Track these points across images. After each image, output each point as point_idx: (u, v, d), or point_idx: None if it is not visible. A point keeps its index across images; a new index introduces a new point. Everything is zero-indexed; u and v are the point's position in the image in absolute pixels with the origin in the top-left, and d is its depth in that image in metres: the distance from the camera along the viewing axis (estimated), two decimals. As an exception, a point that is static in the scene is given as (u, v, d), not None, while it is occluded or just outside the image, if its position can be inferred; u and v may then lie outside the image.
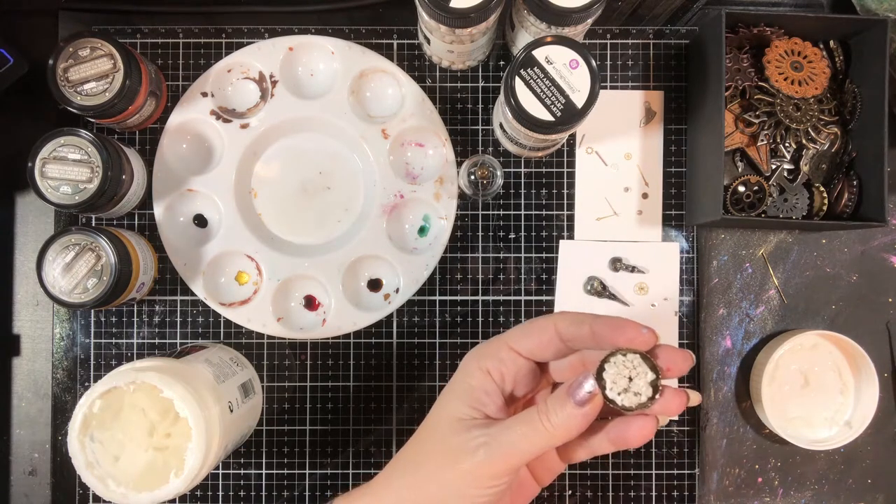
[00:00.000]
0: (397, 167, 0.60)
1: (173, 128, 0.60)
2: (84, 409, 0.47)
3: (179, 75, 0.61)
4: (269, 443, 0.61)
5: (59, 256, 0.53)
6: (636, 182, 0.62)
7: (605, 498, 0.61)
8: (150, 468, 0.47)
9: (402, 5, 0.61)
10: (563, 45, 0.49)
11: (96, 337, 0.60)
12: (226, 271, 0.60)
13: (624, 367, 0.39)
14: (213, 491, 0.60)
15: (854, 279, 0.62)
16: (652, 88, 0.62)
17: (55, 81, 0.53)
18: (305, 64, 0.61)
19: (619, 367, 0.39)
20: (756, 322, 0.62)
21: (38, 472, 0.60)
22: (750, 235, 0.62)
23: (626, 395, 0.39)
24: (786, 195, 0.60)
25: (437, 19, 0.51)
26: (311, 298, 0.61)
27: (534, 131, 0.50)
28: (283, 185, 0.61)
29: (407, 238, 0.61)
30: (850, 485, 0.61)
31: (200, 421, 0.47)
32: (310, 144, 0.61)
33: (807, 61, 0.58)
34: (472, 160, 0.59)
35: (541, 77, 0.48)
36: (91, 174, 0.53)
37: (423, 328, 0.61)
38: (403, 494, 0.42)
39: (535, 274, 0.61)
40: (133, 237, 0.58)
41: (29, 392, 0.61)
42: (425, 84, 0.61)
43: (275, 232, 0.61)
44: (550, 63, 0.48)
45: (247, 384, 0.57)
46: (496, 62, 0.62)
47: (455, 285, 0.61)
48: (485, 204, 0.61)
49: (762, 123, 0.59)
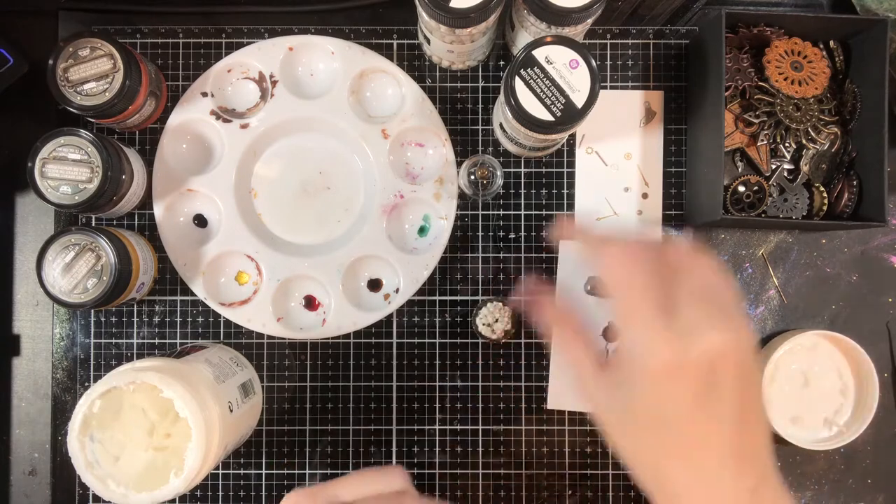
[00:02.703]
0: (397, 167, 0.60)
1: (173, 128, 0.60)
2: (84, 409, 0.47)
3: (179, 75, 0.61)
4: (269, 443, 0.61)
5: (59, 256, 0.53)
6: (636, 182, 0.62)
7: (605, 498, 0.61)
8: (149, 468, 0.47)
9: (402, 5, 0.61)
10: (563, 45, 0.49)
11: (96, 337, 0.60)
12: (226, 271, 0.60)
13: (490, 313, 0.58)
14: (213, 491, 0.60)
15: (854, 279, 0.62)
16: (652, 88, 0.62)
17: (55, 81, 0.53)
18: (305, 64, 0.61)
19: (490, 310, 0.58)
20: (756, 322, 0.62)
21: (38, 472, 0.60)
22: (750, 235, 0.62)
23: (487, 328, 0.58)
24: (786, 195, 0.60)
25: (437, 19, 0.51)
26: (311, 298, 0.61)
27: (534, 131, 0.50)
28: (283, 185, 0.61)
29: (407, 238, 0.61)
30: (850, 485, 0.61)
31: (200, 421, 0.47)
32: (310, 144, 0.61)
33: (807, 61, 0.58)
34: (472, 160, 0.59)
35: (541, 77, 0.48)
36: (91, 174, 0.53)
37: (423, 328, 0.61)
38: None
39: (535, 274, 0.61)
40: (133, 237, 0.58)
41: (29, 392, 0.61)
42: (425, 84, 0.61)
43: (275, 232, 0.61)
44: (550, 63, 0.48)
45: (247, 384, 0.57)
46: (496, 62, 0.62)
47: (455, 285, 0.61)
48: (485, 204, 0.61)
49: (762, 123, 0.59)
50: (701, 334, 0.38)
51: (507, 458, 0.61)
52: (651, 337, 0.38)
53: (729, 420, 0.38)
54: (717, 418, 0.38)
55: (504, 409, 0.61)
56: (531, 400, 0.61)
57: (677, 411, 0.38)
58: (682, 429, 0.38)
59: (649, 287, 0.39)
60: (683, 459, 0.39)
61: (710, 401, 0.38)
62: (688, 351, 0.38)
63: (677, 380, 0.38)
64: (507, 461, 0.61)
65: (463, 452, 0.61)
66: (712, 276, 0.41)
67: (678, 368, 0.38)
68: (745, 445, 0.38)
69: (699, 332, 0.38)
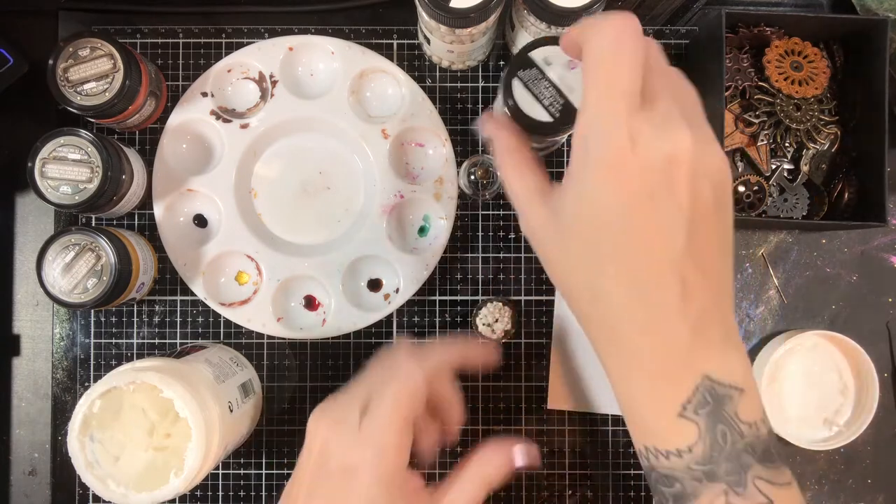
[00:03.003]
0: (397, 167, 0.60)
1: (173, 128, 0.60)
2: (84, 409, 0.47)
3: (179, 75, 0.61)
4: (269, 443, 0.61)
5: (59, 256, 0.53)
6: (636, 182, 0.62)
7: (605, 498, 0.61)
8: (149, 468, 0.47)
9: (402, 5, 0.61)
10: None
11: (96, 337, 0.60)
12: (226, 271, 0.60)
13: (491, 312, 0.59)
14: (213, 491, 0.60)
15: (854, 279, 0.62)
16: (652, 88, 0.62)
17: (55, 81, 0.53)
18: (305, 64, 0.61)
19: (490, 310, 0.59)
20: (756, 322, 0.62)
21: (38, 472, 0.60)
22: (750, 235, 0.62)
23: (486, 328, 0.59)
24: (786, 195, 0.60)
25: (437, 19, 0.51)
26: (311, 298, 0.61)
27: (533, 132, 0.50)
28: (283, 185, 0.61)
29: (407, 238, 0.61)
30: (850, 485, 0.61)
31: (200, 421, 0.47)
32: (310, 144, 0.61)
33: (807, 61, 0.58)
34: (472, 160, 0.59)
35: (539, 78, 0.48)
36: (91, 174, 0.53)
37: (423, 328, 0.61)
38: None
39: (535, 274, 0.61)
40: (133, 237, 0.58)
41: (29, 392, 0.61)
42: (425, 84, 0.61)
43: (275, 232, 0.61)
44: (549, 64, 0.48)
45: (247, 384, 0.57)
46: (496, 62, 0.62)
47: (455, 285, 0.61)
48: (485, 204, 0.61)
49: (762, 123, 0.59)
50: (676, 129, 0.33)
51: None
52: (617, 122, 0.33)
53: (682, 233, 0.33)
54: (667, 227, 0.33)
55: (504, 409, 0.61)
56: (531, 400, 0.61)
57: (622, 211, 0.33)
58: (624, 233, 0.33)
59: (635, 68, 0.33)
60: (621, 269, 0.33)
61: (664, 204, 0.33)
62: (657, 142, 0.32)
63: (632, 173, 0.32)
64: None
65: (463, 452, 0.61)
66: (691, 87, 0.36)
67: (638, 158, 0.32)
68: (696, 270, 0.33)
69: (674, 126, 0.33)
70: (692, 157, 0.33)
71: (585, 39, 0.36)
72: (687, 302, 0.33)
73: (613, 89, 0.33)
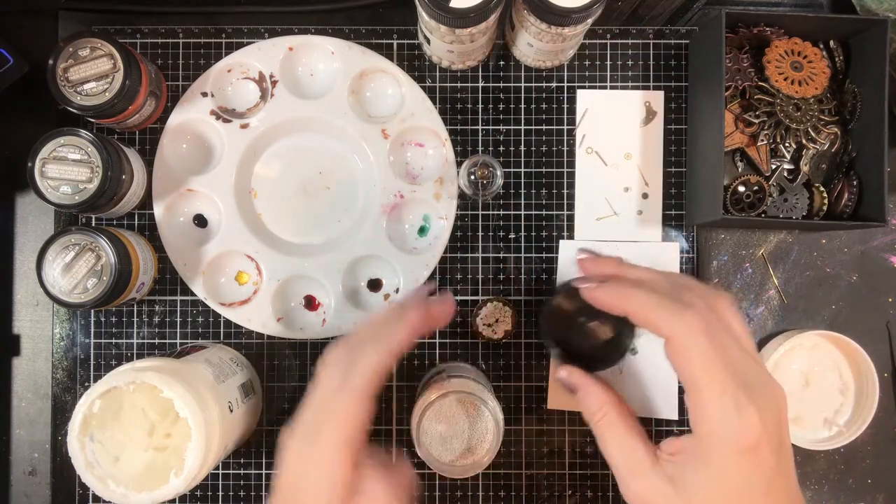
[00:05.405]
0: (397, 167, 0.60)
1: (173, 128, 0.60)
2: (84, 409, 0.47)
3: (179, 75, 0.61)
4: (269, 443, 0.61)
5: (59, 256, 0.53)
6: (636, 182, 0.62)
7: (606, 498, 0.61)
8: (149, 468, 0.47)
9: (402, 5, 0.61)
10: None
11: (96, 337, 0.60)
12: (226, 271, 0.60)
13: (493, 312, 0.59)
14: (213, 491, 0.60)
15: (854, 279, 0.62)
16: (652, 88, 0.62)
17: (55, 81, 0.53)
18: (305, 64, 0.61)
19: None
20: (756, 322, 0.62)
21: (38, 472, 0.60)
22: (750, 235, 0.62)
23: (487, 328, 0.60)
24: (786, 195, 0.60)
25: (437, 19, 0.51)
26: (311, 298, 0.61)
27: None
28: (283, 185, 0.61)
29: (407, 238, 0.61)
30: (850, 485, 0.61)
31: (200, 421, 0.47)
32: (310, 144, 0.61)
33: (807, 61, 0.58)
34: (472, 160, 0.59)
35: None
36: (91, 174, 0.53)
37: (423, 328, 0.61)
38: None
39: (535, 274, 0.61)
40: (133, 237, 0.58)
41: (29, 392, 0.61)
42: (425, 84, 0.61)
43: (275, 232, 0.61)
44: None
45: (247, 384, 0.57)
46: (496, 62, 0.62)
47: (455, 285, 0.61)
48: (485, 204, 0.61)
49: (762, 123, 0.59)
50: (774, 403, 0.37)
51: (507, 458, 0.61)
52: (736, 411, 0.36)
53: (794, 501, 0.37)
54: (786, 499, 0.37)
55: (504, 409, 0.61)
56: (531, 400, 0.61)
57: (753, 492, 0.36)
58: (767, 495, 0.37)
59: (732, 360, 0.38)
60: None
61: (780, 479, 0.37)
62: (766, 423, 0.36)
63: (758, 456, 0.36)
64: (507, 461, 0.61)
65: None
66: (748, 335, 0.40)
67: (759, 443, 0.36)
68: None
69: (773, 399, 0.37)
70: (782, 418, 0.39)
71: (674, 330, 0.40)
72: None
73: (719, 388, 0.37)
